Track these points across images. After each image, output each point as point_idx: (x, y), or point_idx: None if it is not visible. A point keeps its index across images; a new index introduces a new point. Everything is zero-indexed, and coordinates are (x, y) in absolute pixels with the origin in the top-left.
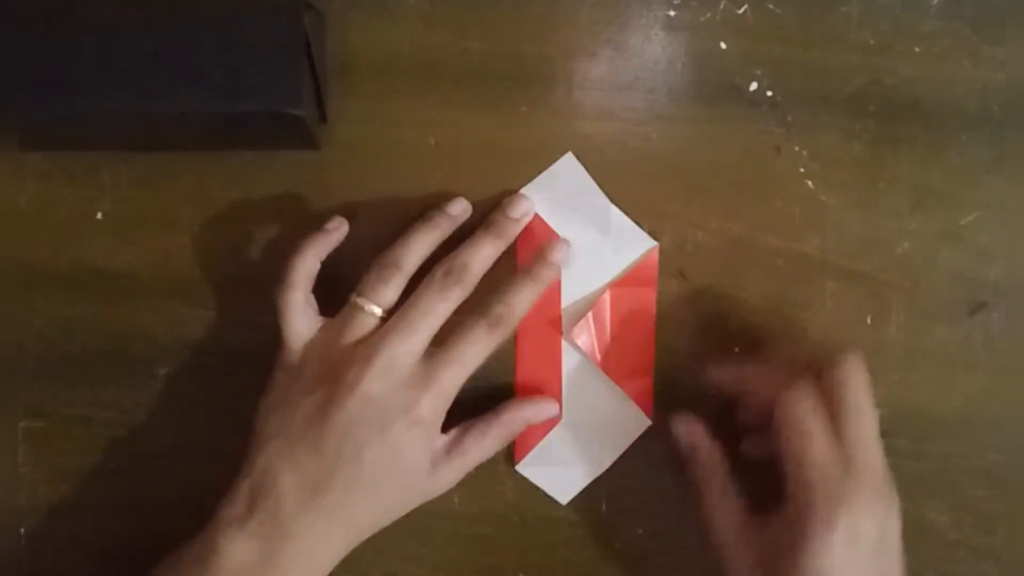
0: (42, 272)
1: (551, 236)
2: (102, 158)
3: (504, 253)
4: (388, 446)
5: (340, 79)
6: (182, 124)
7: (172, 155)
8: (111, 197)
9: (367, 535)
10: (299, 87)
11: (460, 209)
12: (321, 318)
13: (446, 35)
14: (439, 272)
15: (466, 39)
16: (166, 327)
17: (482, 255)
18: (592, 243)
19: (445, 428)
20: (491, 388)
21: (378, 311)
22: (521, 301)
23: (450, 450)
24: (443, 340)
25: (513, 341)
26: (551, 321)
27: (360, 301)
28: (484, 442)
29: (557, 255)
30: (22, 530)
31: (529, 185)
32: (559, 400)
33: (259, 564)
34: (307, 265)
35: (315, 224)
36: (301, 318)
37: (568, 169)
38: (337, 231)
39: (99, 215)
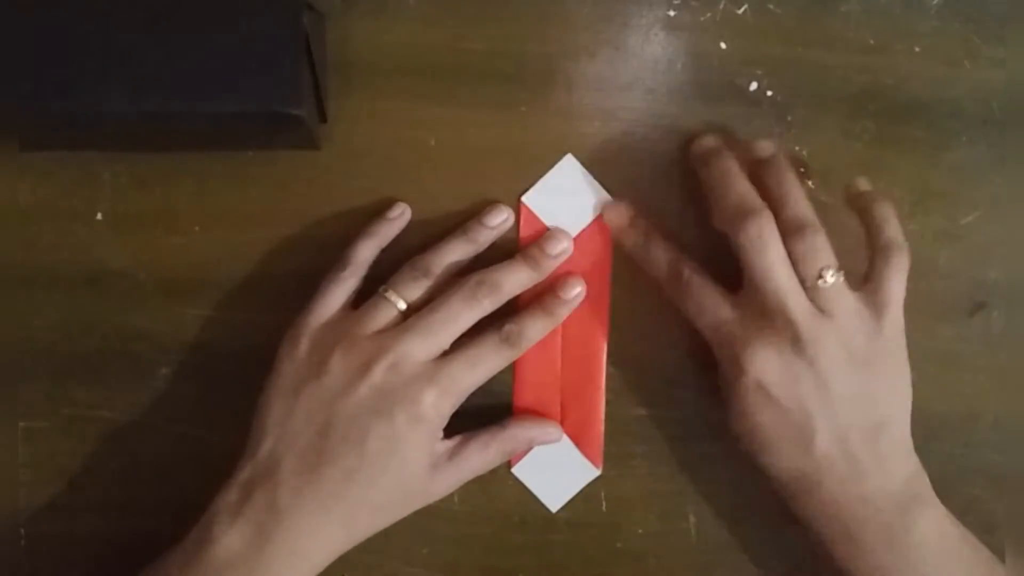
0: (42, 272)
1: None
2: (102, 158)
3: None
4: (391, 439)
5: (340, 79)
6: (182, 124)
7: (172, 155)
8: (111, 197)
9: (363, 536)
10: (299, 87)
11: (500, 219)
12: (350, 309)
13: (446, 35)
14: (472, 281)
15: (466, 39)
16: (166, 327)
17: (516, 279)
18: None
19: (449, 437)
20: (489, 391)
21: (402, 304)
22: (534, 328)
23: (452, 456)
24: (456, 348)
25: None
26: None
27: (387, 294)
28: (486, 453)
29: (557, 248)
30: (22, 530)
31: (530, 191)
32: (558, 408)
33: (250, 552)
34: (365, 251)
35: (315, 223)
36: (334, 302)
37: (569, 171)
38: (400, 218)
39: (99, 215)
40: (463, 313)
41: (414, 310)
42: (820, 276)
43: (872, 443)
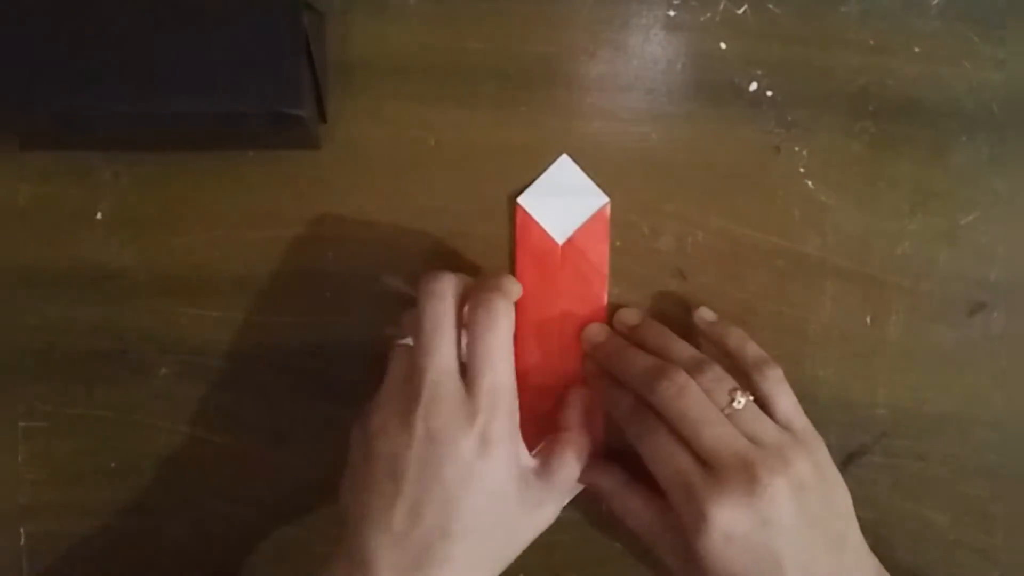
0: (42, 272)
1: (551, 244)
2: (102, 158)
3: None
4: (467, 476)
5: (340, 79)
6: (182, 124)
7: (172, 155)
8: (111, 197)
9: None
10: (299, 87)
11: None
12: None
13: (446, 35)
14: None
15: (466, 39)
16: (166, 327)
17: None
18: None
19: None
20: None
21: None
22: (506, 276)
23: (539, 473)
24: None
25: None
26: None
27: (399, 341)
28: (570, 457)
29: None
30: (22, 530)
31: (526, 192)
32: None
33: None
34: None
35: (315, 223)
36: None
37: (564, 171)
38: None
39: (99, 215)
40: (443, 320)
41: None
42: (732, 399)
43: (838, 559)
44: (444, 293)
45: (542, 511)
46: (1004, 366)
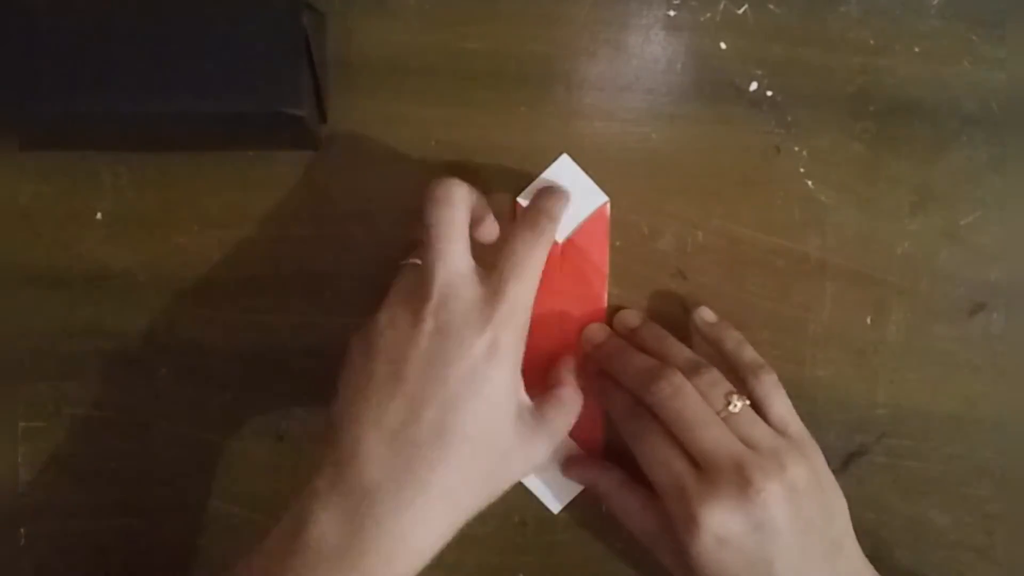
0: (42, 272)
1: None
2: (102, 158)
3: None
4: (472, 378)
5: (340, 79)
6: (182, 124)
7: (172, 155)
8: (111, 197)
9: (467, 513)
10: (299, 87)
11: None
12: None
13: (446, 35)
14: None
15: (466, 39)
16: (166, 327)
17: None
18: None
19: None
20: None
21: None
22: (555, 201)
23: (534, 413)
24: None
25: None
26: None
27: (408, 261)
28: (565, 408)
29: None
30: (22, 530)
31: (526, 192)
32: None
33: (346, 540)
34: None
35: (315, 223)
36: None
37: (564, 171)
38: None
39: (99, 215)
40: (455, 215)
41: None
42: (728, 402)
43: (832, 566)
44: (453, 199)
45: (533, 449)
46: (1004, 366)
